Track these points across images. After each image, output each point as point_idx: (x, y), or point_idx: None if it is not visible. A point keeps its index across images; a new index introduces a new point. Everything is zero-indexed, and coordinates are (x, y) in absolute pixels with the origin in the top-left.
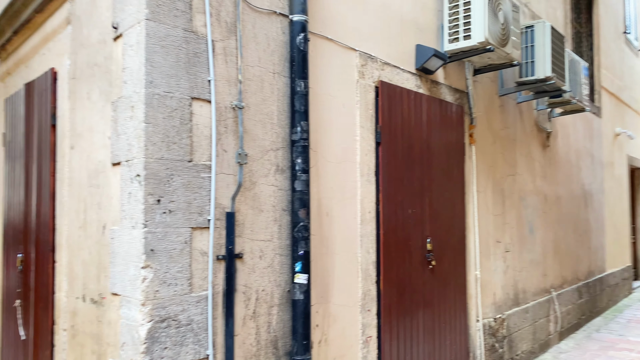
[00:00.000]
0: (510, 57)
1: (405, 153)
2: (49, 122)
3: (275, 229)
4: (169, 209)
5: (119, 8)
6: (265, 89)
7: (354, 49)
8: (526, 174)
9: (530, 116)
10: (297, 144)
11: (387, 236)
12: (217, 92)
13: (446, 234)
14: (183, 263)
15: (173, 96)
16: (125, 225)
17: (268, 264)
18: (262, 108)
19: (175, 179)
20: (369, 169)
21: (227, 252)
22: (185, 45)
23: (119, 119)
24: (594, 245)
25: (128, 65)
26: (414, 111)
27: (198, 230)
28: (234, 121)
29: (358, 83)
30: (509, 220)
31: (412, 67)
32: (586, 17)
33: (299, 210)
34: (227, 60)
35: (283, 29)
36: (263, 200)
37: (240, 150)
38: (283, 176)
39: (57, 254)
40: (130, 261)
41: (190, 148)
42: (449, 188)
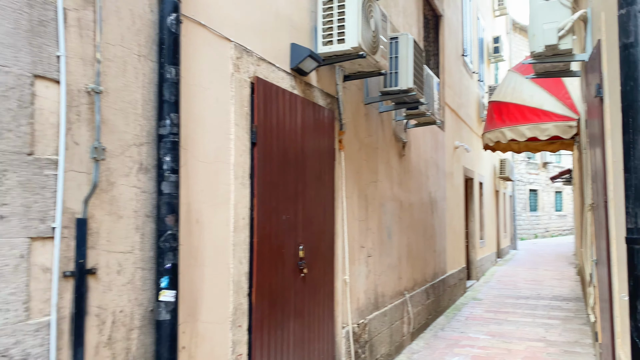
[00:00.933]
0: (379, 65)
1: (280, 155)
2: None
3: (137, 239)
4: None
5: None
6: (128, 73)
7: (229, 39)
8: (386, 181)
9: (389, 126)
10: (165, 139)
11: (261, 244)
12: (68, 71)
13: (317, 241)
14: (17, 283)
15: (9, 71)
16: None
17: (128, 280)
18: (124, 95)
19: (9, 176)
20: (244, 171)
21: (76, 267)
22: (28, 10)
23: None
24: (438, 249)
25: None
26: (289, 112)
27: (39, 241)
28: (89, 108)
29: (233, 77)
30: (371, 226)
31: (287, 66)
32: (434, 36)
33: (167, 217)
34: (83, 34)
35: (151, 7)
36: (123, 204)
37: (97, 143)
38: (147, 176)
39: None
40: None
41: (30, 138)
42: (320, 193)
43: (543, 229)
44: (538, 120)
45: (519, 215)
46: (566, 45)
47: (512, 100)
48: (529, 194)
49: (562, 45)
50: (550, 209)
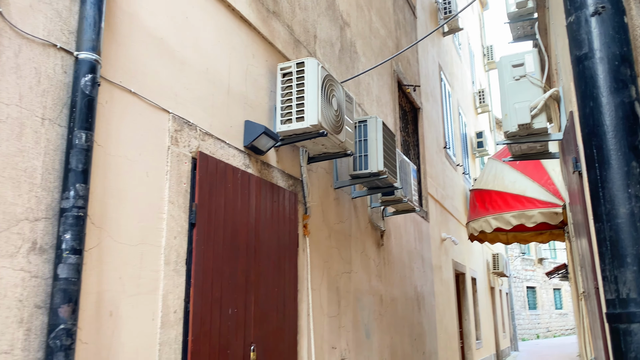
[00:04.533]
0: (344, 145)
1: (227, 239)
2: None
3: (19, 335)
4: None
5: None
6: (26, 137)
7: (167, 110)
8: (362, 272)
9: (364, 213)
10: (67, 213)
11: (199, 344)
12: None
13: (275, 340)
14: None
15: None
16: None
17: None
18: (17, 161)
19: None
20: (178, 255)
21: None
22: None
23: None
24: (428, 350)
25: None
26: (240, 192)
27: None
28: None
29: (170, 150)
30: (345, 323)
31: (239, 143)
32: (413, 128)
33: (61, 307)
34: None
35: (64, 68)
36: (2, 291)
37: None
38: (42, 258)
39: None
40: None
41: None
42: (279, 284)
43: (544, 329)
44: (522, 207)
45: (518, 314)
46: (540, 124)
47: (494, 187)
48: (526, 291)
49: (536, 124)
50: (550, 307)
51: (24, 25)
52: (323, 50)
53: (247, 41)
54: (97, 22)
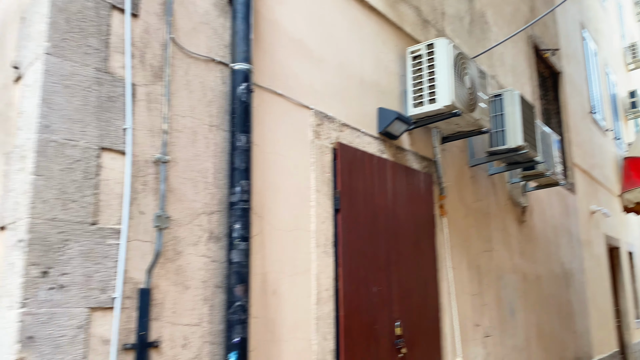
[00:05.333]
0: (478, 123)
1: (368, 222)
2: None
3: (205, 310)
4: (59, 284)
5: (23, 46)
6: (199, 143)
7: (308, 107)
8: (503, 250)
9: (503, 189)
10: (235, 206)
11: (349, 319)
12: (135, 143)
13: (418, 317)
14: (74, 355)
15: (76, 145)
16: (3, 305)
17: (194, 355)
18: (193, 164)
19: (71, 245)
20: (326, 239)
21: (138, 339)
22: (97, 87)
23: (10, 172)
24: (579, 329)
25: (24, 108)
26: (377, 177)
27: (99, 312)
28: (155, 178)
29: (313, 143)
30: (487, 301)
31: (374, 130)
32: (553, 95)
33: (236, 287)
34: (151, 107)
35: (223, 79)
36: (190, 274)
37: (161, 211)
38: (218, 245)
39: None
40: (2, 353)
41: (94, 208)
42: (419, 263)
43: None
44: None
45: None
46: None
47: None
48: None
49: None
50: None
51: (190, 46)
52: (452, 26)
53: (376, 29)
54: (247, 35)
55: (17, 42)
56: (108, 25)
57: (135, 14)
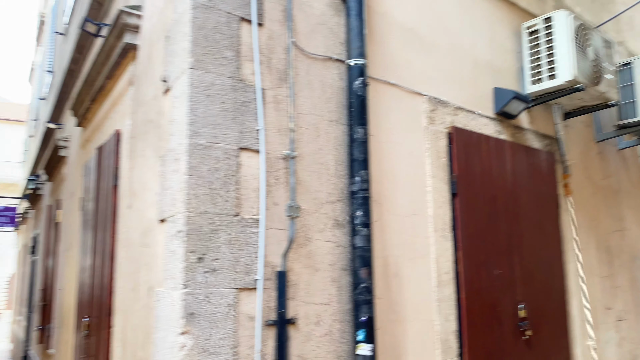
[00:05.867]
0: (605, 96)
1: (486, 205)
2: (112, 183)
3: (333, 291)
4: (212, 268)
5: (169, 62)
6: (320, 138)
7: (421, 93)
8: (636, 229)
9: (636, 164)
10: (356, 195)
11: (471, 301)
12: (267, 141)
13: (543, 299)
14: (227, 329)
15: (219, 147)
16: (168, 286)
17: (326, 332)
18: (317, 158)
19: (219, 234)
20: (444, 223)
21: (278, 316)
22: (233, 94)
23: (165, 173)
24: None
25: (174, 117)
26: (495, 159)
27: (245, 292)
28: (285, 172)
29: (427, 129)
30: (620, 283)
31: (490, 111)
32: None
33: (360, 270)
34: (278, 108)
35: (340, 75)
36: (319, 258)
37: (292, 202)
38: (342, 231)
39: (113, 319)
40: (170, 326)
41: (236, 201)
42: (542, 245)
43: None
44: None
45: None
46: None
47: None
48: None
49: None
50: None
51: (309, 47)
52: None
53: (488, 8)
54: (361, 30)
55: (164, 58)
56: (238, 36)
57: (260, 24)
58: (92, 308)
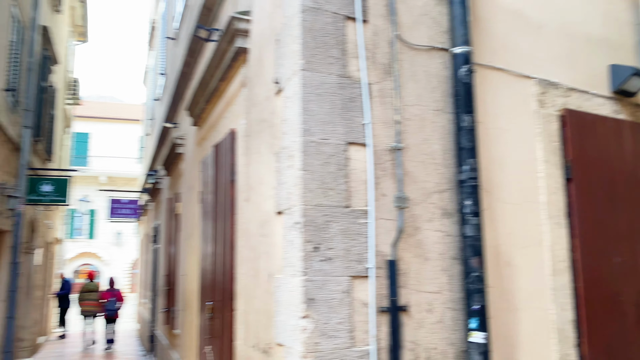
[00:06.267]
0: None
1: (604, 190)
2: (229, 178)
3: (444, 280)
4: (327, 257)
5: (279, 64)
6: (426, 128)
7: (530, 76)
8: None
9: None
10: (464, 184)
11: (589, 290)
12: (373, 135)
13: None
14: (343, 314)
15: (329, 142)
16: (287, 273)
17: (438, 319)
18: (423, 148)
19: (332, 225)
20: (558, 210)
21: (390, 304)
22: (340, 91)
23: (280, 169)
24: None
25: (287, 116)
26: (613, 140)
27: (358, 279)
28: (392, 164)
29: (537, 113)
30: None
31: (606, 90)
32: None
33: (471, 259)
34: (384, 101)
35: (444, 64)
36: (428, 247)
37: (400, 193)
38: (450, 220)
39: (236, 303)
40: (291, 310)
41: (347, 194)
42: None
43: None
44: None
45: None
46: None
47: None
48: None
49: None
50: None
51: (412, 39)
52: None
53: None
54: (464, 18)
55: (274, 60)
56: (344, 35)
57: (365, 20)
58: (214, 292)
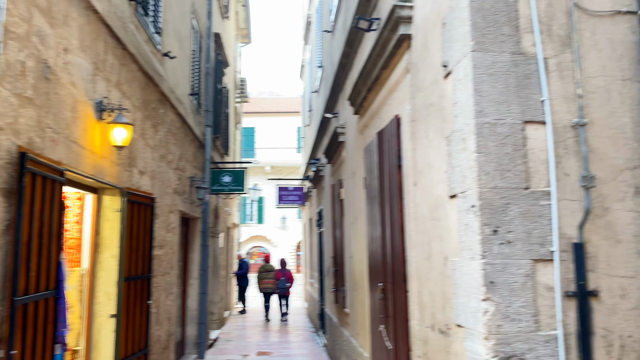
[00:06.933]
0: None
1: None
2: (395, 163)
3: (639, 264)
4: (506, 240)
5: (447, 47)
6: (613, 100)
7: None
8: None
9: None
10: None
11: None
12: (552, 111)
13: None
14: (526, 298)
15: (504, 123)
16: (464, 256)
17: (634, 306)
18: (610, 122)
19: (511, 208)
20: None
21: (577, 288)
22: (514, 69)
23: (452, 152)
24: None
25: (458, 99)
26: None
27: (540, 263)
28: (574, 141)
29: None
30: None
31: None
32: None
33: None
34: (562, 75)
35: (632, 29)
36: (620, 228)
37: (585, 172)
38: None
39: (408, 284)
40: (471, 293)
41: (525, 175)
42: None
43: None
44: None
45: None
46: None
47: None
48: None
49: None
50: None
51: (593, 5)
52: None
53: None
54: None
55: (441, 44)
56: (516, 10)
57: None
58: (385, 274)
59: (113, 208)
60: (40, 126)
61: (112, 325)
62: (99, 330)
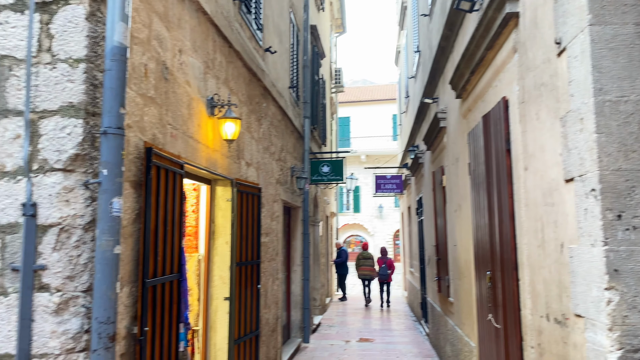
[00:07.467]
0: None
1: None
2: (504, 147)
3: None
4: (632, 225)
5: (561, 22)
6: None
7: None
8: None
9: None
10: None
11: None
12: None
13: None
14: None
15: (628, 100)
16: (584, 243)
17: None
18: None
19: (637, 191)
20: None
21: None
22: (639, 41)
23: (568, 133)
24: None
25: (574, 77)
26: None
27: None
28: None
29: None
30: None
31: None
32: None
33: None
34: None
35: None
36: None
37: None
38: None
39: (519, 272)
40: (592, 281)
41: None
42: None
43: None
44: None
45: None
46: None
47: None
48: None
49: None
50: None
51: None
52: None
53: None
54: None
55: (553, 20)
56: None
57: None
58: (493, 262)
59: (225, 198)
60: (162, 123)
61: (226, 307)
62: (215, 311)
